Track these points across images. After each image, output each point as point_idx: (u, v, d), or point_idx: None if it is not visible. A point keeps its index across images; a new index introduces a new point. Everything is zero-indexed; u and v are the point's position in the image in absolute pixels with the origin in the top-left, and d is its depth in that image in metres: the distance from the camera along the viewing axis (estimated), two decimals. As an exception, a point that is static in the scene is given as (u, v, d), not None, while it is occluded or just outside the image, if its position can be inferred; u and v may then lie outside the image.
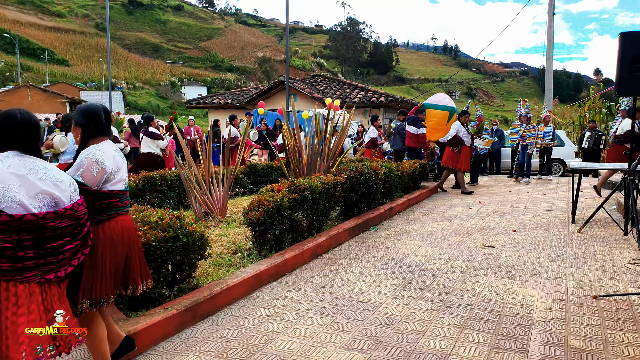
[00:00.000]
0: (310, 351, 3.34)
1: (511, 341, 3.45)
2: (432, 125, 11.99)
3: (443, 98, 12.80)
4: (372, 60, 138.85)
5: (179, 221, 3.92)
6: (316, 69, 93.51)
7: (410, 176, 9.73)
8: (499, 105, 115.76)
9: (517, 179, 12.81)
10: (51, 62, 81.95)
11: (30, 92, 36.83)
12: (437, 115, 12.13)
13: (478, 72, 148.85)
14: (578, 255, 5.68)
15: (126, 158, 6.24)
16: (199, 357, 3.29)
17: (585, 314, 3.93)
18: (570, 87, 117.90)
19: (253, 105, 20.83)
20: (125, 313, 3.62)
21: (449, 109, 12.18)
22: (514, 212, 8.50)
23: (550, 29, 18.48)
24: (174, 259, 3.80)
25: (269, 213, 5.14)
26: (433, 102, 12.44)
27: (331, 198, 6.45)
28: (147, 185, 7.26)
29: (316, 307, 4.14)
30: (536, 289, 4.54)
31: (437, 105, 12.27)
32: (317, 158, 8.06)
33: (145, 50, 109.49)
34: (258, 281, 4.62)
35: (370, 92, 22.40)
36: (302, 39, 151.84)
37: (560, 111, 26.76)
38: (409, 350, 3.34)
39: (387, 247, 6.12)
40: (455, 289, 4.55)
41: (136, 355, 3.30)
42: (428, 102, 12.52)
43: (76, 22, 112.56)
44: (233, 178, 7.19)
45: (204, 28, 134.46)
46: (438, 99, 12.69)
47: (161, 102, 77.05)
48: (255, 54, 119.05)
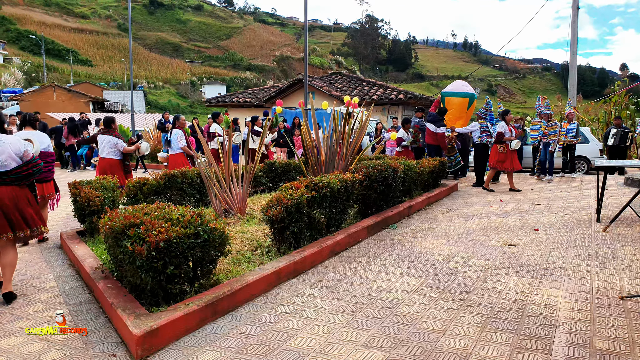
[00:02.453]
0: (330, 348, 3.34)
1: (534, 341, 3.40)
2: (452, 113, 11.83)
3: (462, 85, 12.60)
4: (391, 57, 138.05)
5: (200, 218, 3.95)
6: (334, 67, 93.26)
7: (430, 174, 9.65)
8: (520, 102, 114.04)
9: (539, 177, 12.62)
10: (75, 63, 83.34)
11: (55, 92, 37.51)
12: (456, 102, 11.97)
13: (499, 68, 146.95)
14: (603, 254, 5.57)
15: None
16: (219, 352, 3.32)
17: (611, 314, 3.85)
18: (595, 83, 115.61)
19: (271, 104, 20.90)
20: (147, 308, 3.66)
21: (469, 96, 12.01)
22: (536, 210, 8.37)
23: (574, 23, 18.15)
24: (194, 255, 3.83)
25: (288, 211, 5.15)
26: (452, 90, 12.28)
27: (350, 196, 6.43)
28: (169, 183, 7.35)
29: (335, 304, 4.14)
30: (559, 288, 4.47)
31: (455, 93, 12.10)
32: (335, 156, 8.05)
33: (166, 50, 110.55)
34: (277, 278, 4.64)
35: (389, 89, 22.27)
36: (321, 37, 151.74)
37: (584, 107, 26.24)
38: (429, 349, 3.32)
39: (407, 246, 6.09)
40: (476, 288, 4.50)
41: (158, 349, 3.34)
42: (446, 91, 12.37)
43: (99, 23, 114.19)
44: (252, 176, 7.22)
45: (223, 27, 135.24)
46: (456, 85, 12.50)
47: (181, 101, 77.78)
48: (273, 53, 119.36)
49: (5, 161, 4.35)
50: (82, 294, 4.56)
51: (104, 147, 8.03)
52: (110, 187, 6.46)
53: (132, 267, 3.68)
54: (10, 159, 4.39)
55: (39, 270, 5.34)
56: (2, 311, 4.15)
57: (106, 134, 8.04)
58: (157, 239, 3.57)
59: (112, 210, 4.25)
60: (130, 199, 6.93)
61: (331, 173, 6.87)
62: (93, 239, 6.10)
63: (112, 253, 4.15)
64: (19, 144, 4.48)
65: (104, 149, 8.03)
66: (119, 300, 3.81)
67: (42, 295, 4.55)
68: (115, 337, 3.60)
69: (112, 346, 3.45)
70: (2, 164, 4.35)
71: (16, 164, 4.42)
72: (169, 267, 3.65)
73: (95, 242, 5.93)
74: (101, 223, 4.07)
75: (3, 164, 4.35)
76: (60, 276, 5.13)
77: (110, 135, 8.02)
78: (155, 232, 3.62)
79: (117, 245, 3.86)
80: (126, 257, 3.69)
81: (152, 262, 3.58)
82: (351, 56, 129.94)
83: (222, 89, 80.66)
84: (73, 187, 6.44)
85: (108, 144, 7.99)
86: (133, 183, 7.05)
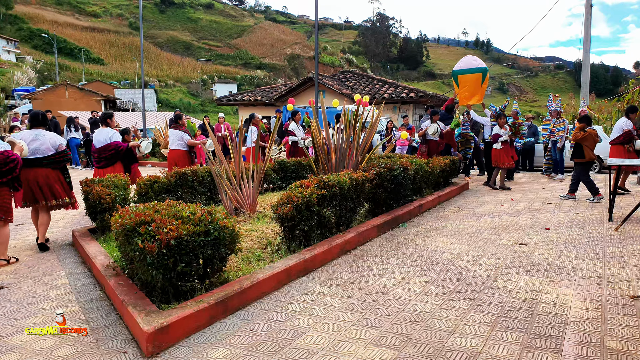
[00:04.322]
0: (339, 346, 3.34)
1: (544, 340, 3.38)
2: (467, 90, 11.54)
3: (471, 60, 12.14)
4: (402, 55, 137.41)
5: (211, 216, 3.97)
6: (345, 65, 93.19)
7: (440, 172, 9.61)
8: (533, 101, 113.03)
9: (550, 176, 12.52)
10: (87, 61, 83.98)
11: (67, 91, 37.83)
12: (470, 79, 11.63)
13: (511, 66, 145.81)
14: (615, 254, 5.52)
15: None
16: (229, 350, 3.33)
17: (622, 314, 3.82)
18: (608, 81, 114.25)
19: (282, 102, 20.94)
20: (157, 306, 3.69)
21: (481, 70, 11.66)
22: (547, 209, 8.31)
23: (588, 21, 17.94)
24: (205, 253, 3.85)
25: (298, 209, 5.16)
26: (463, 67, 11.82)
27: (360, 194, 6.43)
28: (179, 181, 7.40)
29: (345, 302, 4.15)
30: (570, 288, 4.44)
31: (467, 70, 11.71)
32: (345, 154, 8.05)
33: (177, 48, 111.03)
34: (287, 276, 4.65)
35: (400, 87, 22.20)
36: (331, 35, 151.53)
37: (597, 106, 25.96)
38: (438, 347, 3.31)
39: (417, 244, 6.08)
40: (486, 287, 4.48)
41: (169, 346, 3.37)
42: (458, 69, 11.88)
43: (111, 21, 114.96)
44: (263, 174, 7.24)
45: (234, 26, 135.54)
46: (467, 62, 12.04)
47: (192, 100, 78.12)
48: (284, 51, 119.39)
49: (44, 150, 6.04)
50: (94, 291, 4.60)
51: (173, 140, 9.37)
52: (121, 185, 6.51)
53: (143, 264, 3.71)
54: (47, 150, 6.05)
55: (51, 267, 5.40)
56: (15, 307, 4.21)
57: (175, 129, 9.41)
58: (168, 236, 3.59)
59: (123, 208, 4.29)
60: (141, 196, 6.99)
61: (341, 171, 6.87)
62: (104, 236, 6.16)
63: (123, 250, 4.18)
64: (55, 139, 6.18)
65: (173, 142, 9.35)
66: (130, 297, 3.85)
67: (54, 292, 4.61)
68: (126, 333, 3.63)
69: (123, 343, 3.48)
70: (42, 152, 6.02)
71: (51, 152, 6.07)
72: (179, 264, 3.67)
73: (106, 240, 5.98)
74: (112, 221, 4.10)
75: (43, 152, 6.03)
76: (71, 273, 5.18)
77: (178, 130, 9.36)
78: (166, 230, 3.65)
79: (128, 243, 3.89)
80: (137, 254, 3.72)
81: (163, 260, 3.61)
82: (362, 54, 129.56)
83: (233, 88, 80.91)
84: (84, 185, 6.51)
85: (176, 137, 9.33)
86: (144, 181, 7.10)
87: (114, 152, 7.87)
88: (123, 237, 3.93)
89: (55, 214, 7.77)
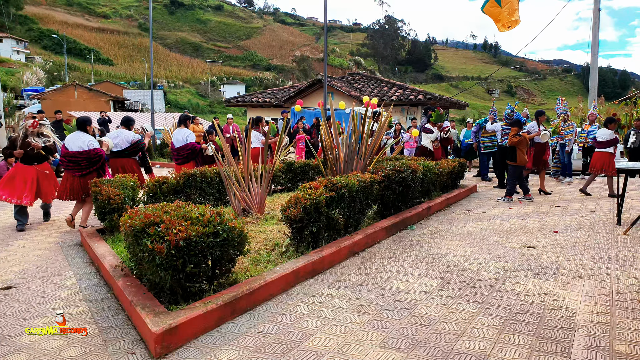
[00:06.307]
0: (347, 349, 3.34)
1: (553, 344, 3.36)
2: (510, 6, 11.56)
3: None
4: (410, 58, 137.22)
5: (219, 217, 3.98)
6: (354, 67, 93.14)
7: (448, 175, 9.59)
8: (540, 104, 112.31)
9: (558, 179, 12.45)
10: (96, 62, 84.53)
11: (76, 91, 38.11)
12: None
13: (519, 69, 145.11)
14: (624, 257, 5.48)
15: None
16: (237, 351, 3.34)
17: (631, 318, 3.79)
18: (616, 85, 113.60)
19: (291, 104, 20.97)
20: (166, 307, 3.71)
21: None
22: (555, 212, 8.27)
23: (596, 25, 17.83)
24: (213, 254, 3.86)
25: (307, 210, 5.16)
26: None
27: (368, 196, 6.43)
28: (188, 182, 7.43)
29: (353, 304, 4.14)
30: (579, 291, 4.41)
31: None
32: (354, 156, 8.05)
33: (186, 50, 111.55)
34: (295, 278, 4.66)
35: (408, 89, 22.16)
36: (340, 37, 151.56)
37: (606, 109, 25.78)
38: (447, 350, 3.30)
39: (425, 247, 6.06)
40: (495, 290, 4.46)
41: (177, 347, 3.38)
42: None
43: (120, 22, 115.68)
44: (271, 176, 7.26)
45: (243, 27, 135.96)
46: None
47: (201, 101, 78.37)
48: (293, 53, 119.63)
49: (122, 144, 8.08)
50: (102, 292, 4.63)
51: (253, 140, 10.55)
52: (130, 186, 6.55)
53: (151, 265, 3.72)
54: (124, 144, 8.08)
55: (60, 268, 5.44)
56: (23, 307, 4.24)
57: (254, 130, 10.76)
58: (177, 237, 3.61)
59: (132, 209, 4.31)
60: (150, 197, 7.02)
61: (350, 173, 6.87)
62: (113, 237, 6.19)
63: (131, 251, 4.20)
64: (130, 135, 8.16)
65: (254, 141, 10.55)
66: (138, 298, 3.86)
67: (62, 292, 4.64)
68: (134, 334, 3.64)
69: (131, 344, 3.50)
70: (120, 146, 8.06)
71: (127, 146, 8.09)
72: (188, 265, 3.68)
73: (115, 240, 6.01)
74: (121, 221, 4.12)
75: (121, 146, 8.06)
76: (80, 273, 5.21)
77: (255, 131, 10.87)
78: (175, 231, 3.66)
79: (136, 244, 3.90)
80: (146, 255, 3.73)
81: (172, 261, 3.62)
82: (370, 57, 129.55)
83: (242, 89, 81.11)
84: (94, 186, 6.55)
85: (255, 137, 10.67)
86: (153, 182, 7.14)
87: (190, 152, 9.18)
88: (132, 237, 3.95)
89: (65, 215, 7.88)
